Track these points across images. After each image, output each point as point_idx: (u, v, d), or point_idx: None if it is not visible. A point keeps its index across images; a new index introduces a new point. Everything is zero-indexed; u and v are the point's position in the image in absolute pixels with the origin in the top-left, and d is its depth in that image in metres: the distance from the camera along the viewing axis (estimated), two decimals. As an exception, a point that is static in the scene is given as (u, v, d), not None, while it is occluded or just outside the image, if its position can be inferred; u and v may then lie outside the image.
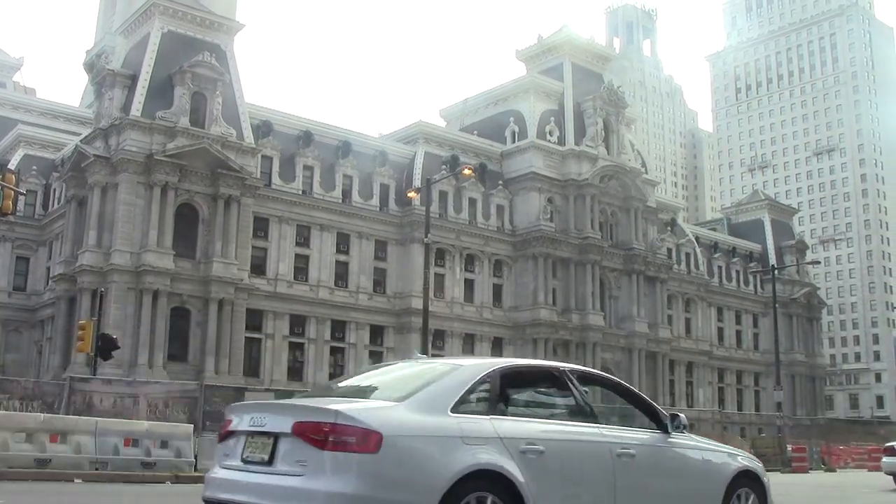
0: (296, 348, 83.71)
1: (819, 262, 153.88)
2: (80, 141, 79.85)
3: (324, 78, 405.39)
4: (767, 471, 10.97)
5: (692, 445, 10.66)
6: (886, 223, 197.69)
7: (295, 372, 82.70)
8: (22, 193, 52.43)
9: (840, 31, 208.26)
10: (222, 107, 77.74)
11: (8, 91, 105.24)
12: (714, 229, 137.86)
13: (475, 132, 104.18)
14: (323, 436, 7.97)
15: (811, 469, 51.99)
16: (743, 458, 11.14)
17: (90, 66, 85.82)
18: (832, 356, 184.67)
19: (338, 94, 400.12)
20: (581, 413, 9.73)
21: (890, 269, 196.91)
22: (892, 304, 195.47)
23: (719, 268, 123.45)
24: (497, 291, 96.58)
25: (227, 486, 8.84)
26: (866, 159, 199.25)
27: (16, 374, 73.41)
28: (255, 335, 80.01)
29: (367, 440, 7.92)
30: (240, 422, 9.07)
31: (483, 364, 9.53)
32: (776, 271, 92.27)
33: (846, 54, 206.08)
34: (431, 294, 58.60)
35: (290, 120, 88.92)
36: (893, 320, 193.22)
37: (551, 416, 9.90)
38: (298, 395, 15.24)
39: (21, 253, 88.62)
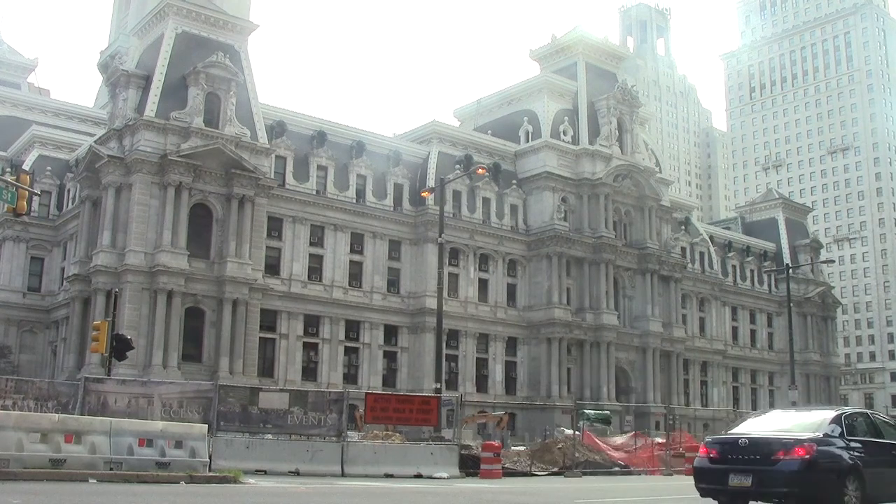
0: (310, 348, 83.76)
1: (833, 261, 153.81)
2: (95, 141, 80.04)
3: (337, 78, 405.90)
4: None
5: None
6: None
7: (309, 372, 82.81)
8: (36, 194, 52.60)
9: (854, 30, 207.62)
10: (236, 107, 77.84)
11: (22, 92, 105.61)
12: (728, 228, 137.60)
13: (489, 132, 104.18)
14: None
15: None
16: None
17: (104, 67, 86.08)
18: (847, 355, 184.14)
19: (351, 94, 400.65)
20: None
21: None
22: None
23: (733, 267, 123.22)
24: (511, 291, 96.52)
25: None
26: (881, 158, 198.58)
27: (31, 374, 73.93)
28: (270, 335, 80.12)
29: None
30: None
31: None
32: (790, 270, 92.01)
33: (860, 53, 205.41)
34: (445, 294, 58.64)
35: (304, 120, 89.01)
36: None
37: None
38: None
39: (35, 253, 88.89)
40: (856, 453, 17.39)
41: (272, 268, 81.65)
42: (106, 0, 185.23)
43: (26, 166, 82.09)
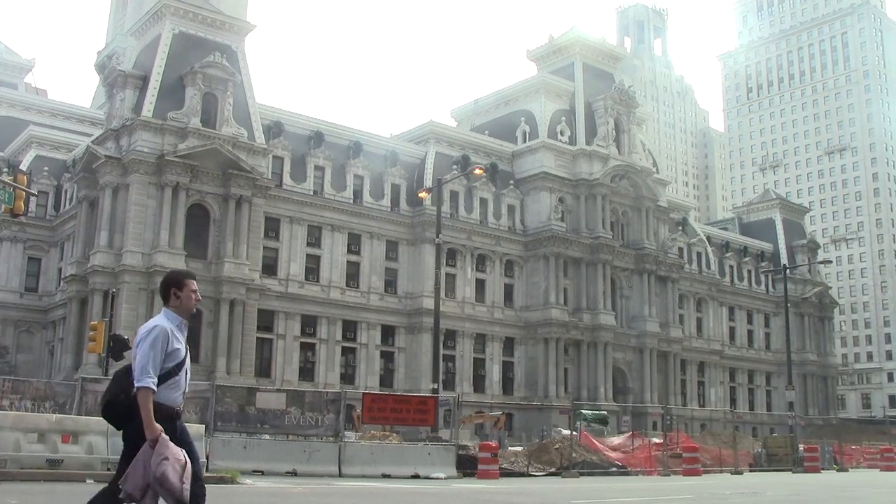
0: (307, 349, 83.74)
1: (831, 262, 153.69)
2: (92, 142, 80.00)
3: (334, 78, 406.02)
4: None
5: None
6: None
7: (306, 372, 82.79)
8: (33, 194, 52.64)
9: (851, 30, 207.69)
10: (233, 107, 77.81)
11: (19, 92, 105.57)
12: (725, 229, 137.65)
13: (486, 132, 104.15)
14: None
15: (823, 469, 51.83)
16: None
17: (101, 67, 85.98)
18: (844, 356, 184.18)
19: (348, 94, 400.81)
20: None
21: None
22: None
23: (730, 267, 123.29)
24: (508, 291, 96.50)
25: None
26: (878, 158, 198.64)
27: (28, 374, 73.75)
28: (267, 335, 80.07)
29: None
30: None
31: None
32: (788, 271, 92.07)
33: (857, 53, 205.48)
34: (443, 294, 58.53)
35: (301, 120, 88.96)
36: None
37: None
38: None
39: (33, 254, 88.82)
40: None
41: (269, 268, 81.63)
42: (103, 0, 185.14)
43: (23, 166, 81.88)
